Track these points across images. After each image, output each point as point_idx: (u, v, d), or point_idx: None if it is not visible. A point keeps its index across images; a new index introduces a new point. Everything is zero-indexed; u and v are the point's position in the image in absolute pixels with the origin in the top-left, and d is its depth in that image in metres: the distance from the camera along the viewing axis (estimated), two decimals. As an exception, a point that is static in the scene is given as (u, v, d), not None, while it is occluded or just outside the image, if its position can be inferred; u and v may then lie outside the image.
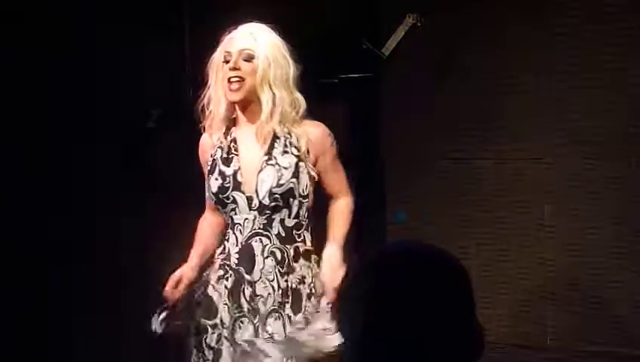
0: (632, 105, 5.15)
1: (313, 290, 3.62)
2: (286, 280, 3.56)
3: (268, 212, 3.53)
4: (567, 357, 5.38)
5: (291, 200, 3.53)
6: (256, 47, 3.52)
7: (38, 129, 4.87)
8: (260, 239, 3.54)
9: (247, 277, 3.57)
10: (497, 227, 5.54)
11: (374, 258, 1.69)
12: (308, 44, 5.25)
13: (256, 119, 3.55)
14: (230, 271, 3.60)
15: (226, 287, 3.62)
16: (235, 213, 3.57)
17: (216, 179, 3.61)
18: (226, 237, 3.64)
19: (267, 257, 3.55)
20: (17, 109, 4.78)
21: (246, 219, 3.54)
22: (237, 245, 3.56)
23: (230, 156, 3.61)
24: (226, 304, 3.62)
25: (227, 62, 3.54)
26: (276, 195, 3.51)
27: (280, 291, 3.56)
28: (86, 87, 5.03)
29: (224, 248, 3.64)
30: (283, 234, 3.56)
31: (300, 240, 3.59)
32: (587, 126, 5.26)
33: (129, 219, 5.18)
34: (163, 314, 3.73)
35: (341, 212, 3.71)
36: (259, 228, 3.54)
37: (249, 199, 3.54)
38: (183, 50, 5.47)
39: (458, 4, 5.46)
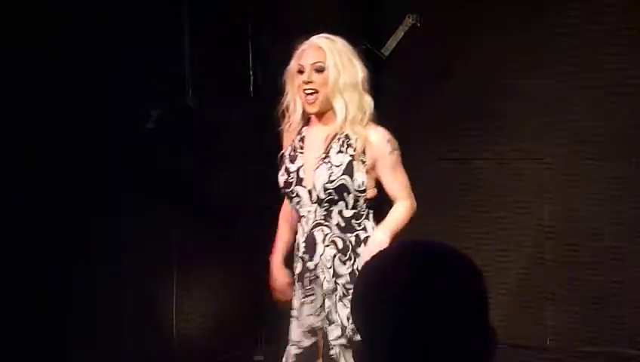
0: (632, 105, 5.16)
1: None
2: (351, 266, 3.86)
3: (326, 204, 3.85)
4: (567, 357, 5.38)
5: (346, 194, 3.83)
6: (325, 58, 3.83)
7: (38, 129, 4.86)
8: (322, 229, 3.86)
9: (308, 264, 3.91)
10: (497, 227, 5.54)
11: (388, 257, 1.69)
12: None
13: (329, 122, 3.88)
14: (299, 260, 3.96)
15: (296, 274, 4.00)
16: (300, 206, 3.90)
17: (282, 175, 3.95)
18: (297, 231, 3.98)
19: (327, 246, 3.87)
20: (17, 109, 4.78)
21: (309, 210, 3.87)
22: (303, 235, 3.91)
23: (296, 154, 3.95)
24: (295, 290, 4.00)
25: (301, 72, 3.87)
26: (330, 190, 3.82)
27: (337, 278, 3.87)
28: (86, 87, 5.02)
29: (296, 241, 3.99)
30: (343, 224, 3.86)
31: (360, 228, 3.87)
32: (587, 126, 5.27)
33: (129, 219, 5.18)
34: None
35: (397, 209, 3.91)
36: (320, 219, 3.86)
37: (310, 193, 3.86)
38: (183, 50, 5.47)
39: (458, 4, 5.47)
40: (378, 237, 3.81)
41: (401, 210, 3.89)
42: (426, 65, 5.50)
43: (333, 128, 3.86)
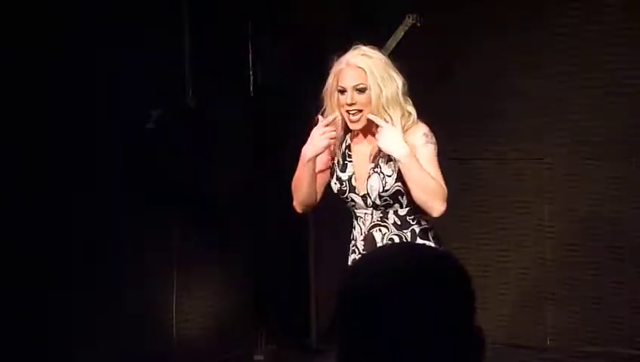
0: (632, 105, 5.16)
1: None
2: None
3: (382, 208, 3.95)
4: (567, 357, 5.38)
5: (400, 197, 3.93)
6: (366, 78, 3.89)
7: (38, 129, 4.86)
8: (380, 229, 3.98)
9: None
10: (497, 227, 5.54)
11: (375, 258, 1.68)
12: (308, 44, 5.25)
13: (374, 134, 3.93)
14: (359, 255, 4.01)
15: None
16: (356, 208, 4.01)
17: (335, 183, 4.04)
18: (353, 226, 4.06)
19: (386, 244, 3.94)
20: (17, 109, 4.78)
21: (365, 213, 3.99)
22: (362, 234, 4.01)
23: (345, 162, 4.04)
24: None
25: (341, 92, 3.92)
26: (385, 197, 3.93)
27: None
28: (86, 87, 5.02)
29: (353, 236, 4.07)
30: (399, 223, 3.97)
31: (414, 223, 3.97)
32: (587, 126, 5.27)
33: (129, 219, 5.18)
34: None
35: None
36: (377, 221, 3.98)
37: (364, 198, 3.96)
38: (183, 50, 5.47)
39: (458, 4, 5.47)
40: (400, 138, 3.81)
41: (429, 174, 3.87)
42: (426, 65, 5.50)
43: (375, 145, 3.93)
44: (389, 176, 3.92)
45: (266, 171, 5.88)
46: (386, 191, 3.91)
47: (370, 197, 3.95)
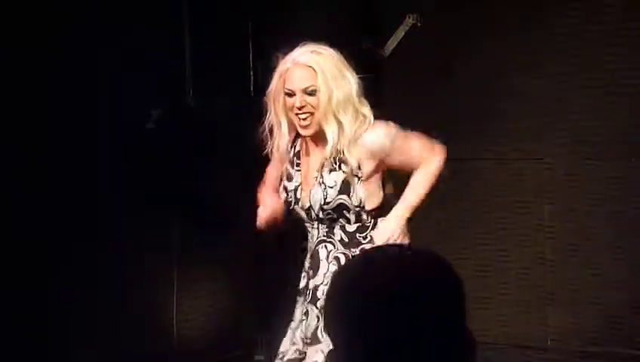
0: (632, 105, 5.15)
1: None
2: None
3: (327, 222, 3.66)
4: (567, 358, 5.37)
5: (345, 212, 3.64)
6: (316, 79, 3.54)
7: (38, 129, 4.86)
8: (325, 246, 3.68)
9: (310, 281, 3.73)
10: (497, 227, 5.54)
11: (363, 262, 1.68)
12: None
13: (324, 141, 3.61)
14: (304, 273, 3.78)
15: (299, 287, 3.81)
16: (304, 222, 3.73)
17: (282, 192, 3.76)
18: (308, 241, 3.78)
19: (331, 262, 3.67)
20: (17, 109, 4.78)
21: (312, 227, 3.70)
22: (310, 251, 3.73)
23: (292, 171, 3.74)
24: (297, 302, 3.82)
25: (289, 95, 3.59)
26: (328, 211, 3.63)
27: None
28: (86, 87, 5.02)
29: (306, 250, 3.78)
30: (346, 240, 3.66)
31: (365, 241, 3.67)
32: (587, 126, 5.27)
33: (129, 219, 5.17)
34: None
35: (414, 181, 3.70)
36: (323, 236, 3.67)
37: (307, 212, 3.68)
38: (183, 50, 5.47)
39: (458, 4, 5.46)
40: (388, 226, 3.62)
41: (417, 181, 3.68)
42: (426, 65, 5.50)
43: (328, 149, 3.61)
44: (331, 188, 3.58)
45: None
46: (328, 203, 3.59)
47: (313, 211, 3.63)
